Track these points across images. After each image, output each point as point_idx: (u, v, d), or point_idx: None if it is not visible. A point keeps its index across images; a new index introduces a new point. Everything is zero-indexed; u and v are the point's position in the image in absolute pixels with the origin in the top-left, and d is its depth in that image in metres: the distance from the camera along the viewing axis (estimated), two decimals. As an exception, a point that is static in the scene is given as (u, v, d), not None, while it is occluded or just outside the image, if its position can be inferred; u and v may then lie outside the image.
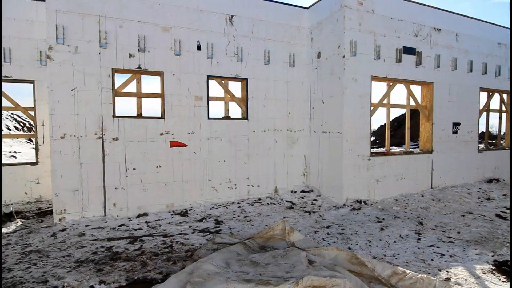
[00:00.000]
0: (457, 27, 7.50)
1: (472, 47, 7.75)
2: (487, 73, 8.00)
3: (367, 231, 4.93)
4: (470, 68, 7.66)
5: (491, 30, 8.16)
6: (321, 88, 6.79)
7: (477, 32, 7.86)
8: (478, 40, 7.85)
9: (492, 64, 8.14)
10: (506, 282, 3.36)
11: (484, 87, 8.06)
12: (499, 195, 7.04)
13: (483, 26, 7.99)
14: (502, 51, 8.36)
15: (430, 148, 7.22)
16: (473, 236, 4.70)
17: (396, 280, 3.22)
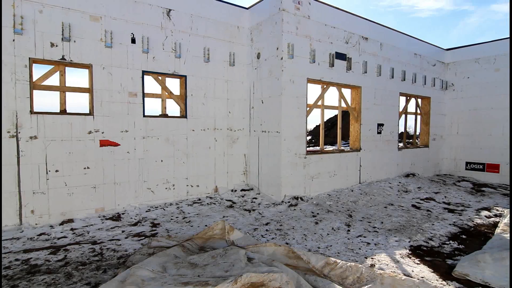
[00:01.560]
0: (382, 37, 8.29)
1: (394, 56, 8.65)
2: (405, 80, 9.00)
3: (303, 225, 5.17)
4: (391, 74, 8.53)
5: (409, 42, 9.20)
6: (261, 88, 6.93)
7: (398, 42, 8.79)
8: (398, 50, 8.79)
9: (410, 72, 9.18)
10: (419, 264, 3.80)
11: (403, 92, 9.06)
12: (415, 188, 7.97)
13: (402, 38, 8.97)
14: (417, 60, 9.48)
15: (359, 147, 7.87)
16: (393, 225, 5.23)
17: (328, 270, 3.43)
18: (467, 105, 10.13)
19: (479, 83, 9.83)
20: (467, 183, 9.04)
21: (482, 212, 6.11)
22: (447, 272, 3.56)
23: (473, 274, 3.41)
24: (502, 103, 9.32)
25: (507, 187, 8.76)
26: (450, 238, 4.69)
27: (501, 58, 9.36)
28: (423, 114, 10.13)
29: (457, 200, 7.15)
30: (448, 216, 5.83)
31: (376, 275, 3.26)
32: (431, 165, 10.25)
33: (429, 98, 9.97)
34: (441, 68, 10.44)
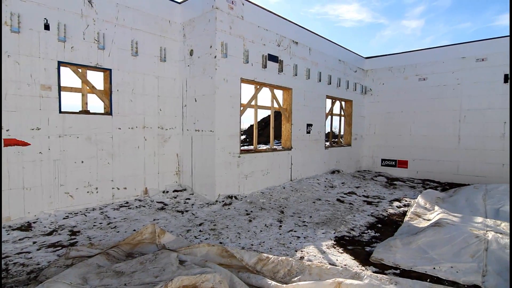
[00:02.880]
0: (311, 42, 8.80)
1: (321, 61, 9.25)
2: (331, 84, 9.71)
3: (237, 224, 5.19)
4: (319, 78, 9.12)
5: (335, 49, 9.94)
6: (194, 86, 6.77)
7: (325, 49, 9.43)
8: (325, 55, 9.43)
9: (335, 76, 9.93)
10: (343, 253, 4.12)
11: (329, 95, 9.75)
12: (339, 183, 8.65)
13: (329, 45, 9.65)
14: (342, 66, 10.30)
15: (290, 146, 8.23)
16: (321, 219, 5.59)
17: (261, 266, 3.49)
18: (382, 108, 11.36)
19: (392, 89, 11.11)
20: (382, 177, 10.14)
21: (394, 203, 6.91)
22: (366, 259, 3.92)
23: (387, 258, 3.81)
24: (410, 107, 10.68)
25: (414, 180, 10.07)
26: (368, 228, 5.19)
27: (409, 68, 10.72)
28: (346, 116, 11.06)
29: (374, 193, 7.96)
30: (367, 208, 6.44)
31: (305, 266, 3.43)
32: (353, 162, 11.25)
33: (351, 101, 10.93)
34: (361, 74, 11.53)
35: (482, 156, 9.42)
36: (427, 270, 3.55)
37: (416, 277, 3.44)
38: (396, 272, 3.57)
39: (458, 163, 9.82)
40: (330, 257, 3.99)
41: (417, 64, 10.56)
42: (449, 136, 9.99)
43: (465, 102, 9.68)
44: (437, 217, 5.25)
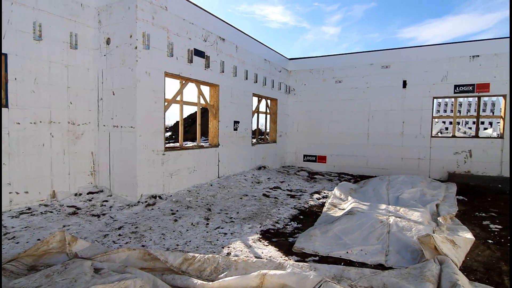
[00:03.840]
0: (237, 40, 8.86)
1: (248, 59, 9.41)
2: (258, 82, 9.96)
3: (162, 225, 4.96)
4: (246, 76, 9.26)
5: (261, 48, 10.21)
6: (112, 78, 6.21)
7: (252, 47, 9.61)
8: (252, 54, 9.62)
9: (261, 75, 10.20)
10: (268, 245, 4.26)
11: (256, 93, 9.99)
12: (265, 178, 8.94)
13: (256, 44, 9.86)
14: (267, 66, 10.63)
15: (217, 143, 8.19)
16: (248, 214, 5.69)
17: (187, 266, 3.39)
18: (304, 107, 12.11)
19: (312, 90, 11.92)
20: (304, 172, 10.83)
21: (314, 195, 7.42)
22: (289, 249, 4.13)
23: (307, 247, 4.07)
24: (328, 106, 11.61)
25: (331, 173, 10.99)
26: (291, 220, 5.47)
27: (327, 71, 11.63)
28: (271, 114, 11.48)
29: (297, 187, 8.45)
30: (290, 201, 6.79)
31: (231, 262, 3.44)
32: (278, 158, 11.76)
33: (277, 99, 11.39)
34: (286, 74, 12.10)
35: (386, 151, 10.77)
36: (341, 254, 3.90)
37: (332, 261, 3.74)
38: (315, 259, 3.83)
39: (368, 158, 11.05)
40: (256, 250, 4.08)
41: (334, 68, 11.52)
42: (360, 134, 11.17)
43: (373, 104, 10.93)
44: (350, 206, 5.81)
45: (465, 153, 9.77)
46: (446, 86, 9.90)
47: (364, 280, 3.07)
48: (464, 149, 9.78)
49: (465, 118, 29.59)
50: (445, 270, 2.99)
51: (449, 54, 9.87)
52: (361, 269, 3.43)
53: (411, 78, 10.34)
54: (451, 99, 9.43)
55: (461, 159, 9.81)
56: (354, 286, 3.03)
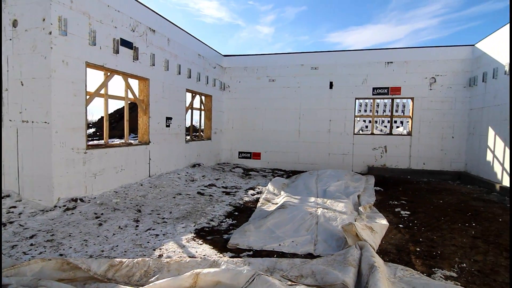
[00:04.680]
0: (169, 33, 8.49)
1: (181, 53, 9.08)
2: (191, 78, 9.69)
3: (84, 230, 4.51)
4: (179, 71, 8.94)
5: (195, 43, 9.95)
6: (20, 66, 5.41)
7: (185, 42, 9.30)
8: (185, 48, 9.32)
9: (195, 71, 9.95)
10: (202, 244, 4.18)
11: (189, 88, 9.71)
12: (200, 176, 8.78)
13: (189, 38, 9.57)
14: (201, 61, 10.42)
15: (148, 140, 7.75)
16: (181, 213, 5.51)
17: (113, 272, 3.14)
18: (239, 104, 12.20)
19: (247, 87, 12.07)
20: (240, 169, 10.93)
21: (249, 191, 7.54)
22: (224, 246, 4.11)
23: (242, 242, 4.10)
24: (262, 104, 11.88)
25: (265, 169, 11.29)
26: (226, 217, 5.47)
27: (261, 69, 11.88)
28: (206, 110, 11.31)
29: (232, 183, 8.48)
30: (225, 198, 6.78)
31: (163, 264, 3.29)
32: (213, 155, 11.65)
33: (211, 96, 11.25)
34: (220, 71, 12.02)
35: (315, 147, 11.46)
36: (274, 247, 4.02)
37: (266, 255, 3.84)
38: (249, 253, 3.89)
39: (299, 154, 11.63)
40: (190, 250, 3.97)
41: (267, 67, 11.83)
42: (292, 131, 11.69)
43: (303, 103, 11.52)
44: (282, 200, 6.04)
45: (381, 148, 10.93)
46: (366, 88, 10.93)
47: (295, 270, 3.21)
48: (380, 145, 10.94)
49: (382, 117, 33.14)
50: (364, 254, 3.29)
51: (368, 59, 10.91)
52: (292, 259, 3.58)
53: (337, 80, 11.17)
54: (370, 100, 10.58)
55: (378, 154, 10.95)
56: (286, 276, 3.15)
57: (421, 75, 10.46)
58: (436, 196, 7.40)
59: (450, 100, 10.28)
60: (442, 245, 4.30)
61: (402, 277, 3.20)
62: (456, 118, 10.26)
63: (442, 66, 10.29)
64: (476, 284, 3.26)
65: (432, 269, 3.58)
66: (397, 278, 3.18)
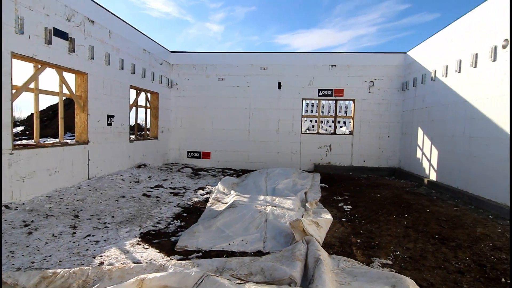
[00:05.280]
0: (111, 25, 7.95)
1: (123, 47, 8.56)
2: (136, 73, 9.19)
3: (10, 240, 4.01)
4: (121, 66, 8.42)
5: (139, 37, 9.45)
6: None
7: (128, 35, 8.78)
8: (128, 42, 8.80)
9: (140, 66, 9.46)
10: (148, 248, 3.98)
11: (133, 85, 9.21)
12: (146, 177, 8.38)
13: (133, 32, 9.06)
14: (147, 57, 9.94)
15: (86, 139, 7.17)
16: (125, 217, 5.20)
17: (45, 285, 2.84)
18: (188, 103, 11.90)
19: (196, 86, 11.82)
20: (189, 168, 10.67)
21: (198, 192, 7.38)
22: (172, 249, 3.97)
23: (190, 244, 4.00)
24: (212, 103, 11.73)
25: (215, 169, 11.18)
26: (174, 218, 5.29)
27: (210, 67, 11.72)
28: (152, 108, 10.83)
29: (181, 184, 8.24)
30: (173, 199, 6.56)
31: (104, 272, 3.07)
32: (160, 155, 11.21)
33: (158, 93, 10.80)
34: (168, 67, 11.59)
35: (264, 146, 11.65)
36: (224, 247, 3.99)
37: (215, 255, 3.79)
38: (198, 255, 3.80)
39: (249, 153, 11.72)
40: (134, 255, 3.76)
41: (217, 65, 11.71)
42: (242, 130, 11.73)
43: (253, 102, 11.64)
44: (232, 199, 6.02)
45: (326, 147, 11.50)
46: (312, 89, 11.41)
47: (244, 268, 3.21)
48: (326, 144, 11.50)
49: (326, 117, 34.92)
50: (310, 248, 3.42)
51: (314, 62, 11.39)
52: (242, 258, 3.58)
53: (285, 81, 11.48)
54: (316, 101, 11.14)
55: (323, 152, 11.50)
56: (235, 275, 3.14)
57: (362, 79, 11.22)
58: (375, 190, 7.99)
59: (386, 103, 11.19)
60: (379, 236, 4.65)
61: (344, 268, 3.39)
62: (391, 119, 11.20)
63: (379, 71, 11.15)
64: (408, 269, 3.58)
65: (371, 258, 3.85)
66: (340, 269, 3.36)
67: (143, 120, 10.94)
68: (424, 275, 3.45)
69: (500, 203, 5.99)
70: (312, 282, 2.78)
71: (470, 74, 7.11)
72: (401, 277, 3.03)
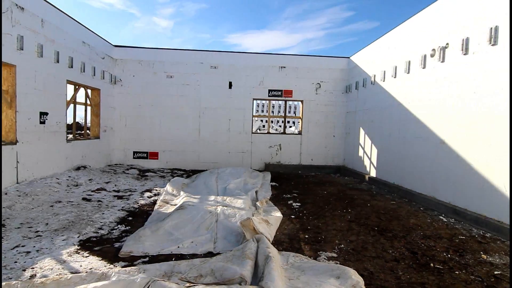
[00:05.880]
0: (44, 13, 7.21)
1: (59, 39, 7.83)
2: (73, 67, 8.46)
3: None
4: (57, 58, 7.68)
5: (78, 28, 8.71)
6: None
7: (64, 25, 8.05)
8: (65, 33, 8.07)
9: (78, 60, 8.72)
10: (89, 256, 3.69)
11: (71, 80, 8.46)
12: (86, 180, 7.76)
13: (70, 22, 8.32)
14: (86, 50, 9.21)
15: (14, 139, 6.42)
16: (61, 224, 4.75)
17: (-40, 307, 2.47)
18: (134, 100, 11.28)
19: (143, 83, 11.26)
20: (135, 170, 10.13)
21: (145, 194, 7.04)
22: (116, 256, 3.72)
23: (136, 249, 3.79)
24: (160, 101, 11.28)
25: (164, 170, 10.77)
26: (118, 223, 4.97)
27: (158, 64, 11.26)
28: (93, 106, 10.07)
29: (126, 186, 7.79)
30: (117, 203, 6.17)
31: (36, 285, 2.77)
32: (103, 156, 10.48)
33: (99, 90, 10.07)
34: (110, 62, 10.88)
35: (215, 146, 11.53)
36: (172, 250, 3.85)
37: (163, 259, 3.64)
38: (145, 260, 3.62)
39: (199, 153, 11.51)
40: (72, 265, 3.46)
41: (165, 62, 11.29)
42: (192, 130, 11.47)
43: (203, 101, 11.45)
44: (181, 201, 5.85)
45: (276, 146, 11.75)
46: (263, 89, 11.58)
47: (194, 271, 3.13)
48: (276, 144, 11.75)
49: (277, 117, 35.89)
50: (260, 246, 3.45)
51: (265, 62, 11.57)
52: (191, 260, 3.49)
53: (236, 80, 11.48)
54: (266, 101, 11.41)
55: (273, 151, 11.74)
56: (184, 278, 3.04)
57: (309, 81, 11.68)
58: (321, 188, 8.37)
59: (332, 104, 11.79)
60: (325, 230, 4.88)
61: (293, 263, 3.48)
62: (337, 119, 11.83)
63: (326, 74, 11.71)
64: (351, 260, 3.80)
65: (318, 252, 4.02)
66: (289, 265, 3.45)
67: (82, 119, 10.13)
68: (365, 265, 3.70)
69: (429, 196, 6.66)
70: (262, 279, 2.81)
71: (404, 79, 7.81)
72: (345, 268, 3.21)
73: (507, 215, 4.79)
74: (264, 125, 37.18)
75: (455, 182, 5.99)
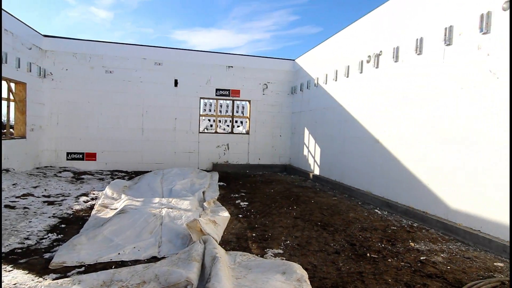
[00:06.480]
0: (-48, -8, 6.21)
1: (-26, 23, 6.82)
2: (-7, 58, 7.44)
3: None
4: (-29, 46, 6.70)
5: (-4, 13, 7.67)
6: None
7: (-20, 8, 7.03)
8: (-19, 18, 7.06)
9: None
10: (12, 270, 3.28)
11: (-10, 72, 7.44)
12: (9, 185, 6.89)
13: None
14: (9, 39, 8.15)
15: None
16: (-24, 236, 4.14)
17: None
18: (66, 96, 10.31)
19: (78, 77, 10.34)
20: (68, 172, 9.27)
21: (81, 198, 6.48)
22: (46, 267, 3.36)
23: (70, 259, 3.46)
24: (98, 98, 10.47)
25: (103, 172, 10.03)
26: (49, 231, 4.49)
27: (95, 58, 10.44)
28: (18, 101, 8.97)
29: (58, 191, 7.08)
30: (48, 209, 5.58)
31: None
32: (30, 158, 9.40)
33: (25, 84, 9.01)
34: (39, 54, 9.80)
35: (160, 146, 11.07)
36: (112, 257, 3.60)
37: (102, 268, 3.38)
38: (80, 270, 3.33)
39: (142, 153, 10.94)
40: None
41: (104, 56, 10.52)
42: (134, 129, 10.86)
43: (147, 99, 10.91)
44: (122, 204, 5.50)
45: (224, 146, 11.69)
46: (210, 89, 11.43)
47: (136, 277, 2.96)
48: (224, 143, 11.69)
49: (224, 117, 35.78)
50: (208, 248, 3.39)
51: (212, 61, 11.43)
52: (134, 267, 3.30)
53: (182, 78, 11.15)
54: (214, 100, 11.31)
55: (221, 151, 11.66)
56: (125, 286, 2.86)
57: (257, 81, 11.83)
58: (269, 186, 8.54)
59: (278, 104, 12.10)
60: (272, 228, 4.98)
61: (241, 262, 3.49)
62: (283, 120, 12.17)
63: (272, 75, 11.97)
64: (296, 256, 3.93)
65: (265, 250, 4.08)
66: (237, 264, 3.44)
67: (4, 116, 8.96)
68: (309, 259, 3.85)
69: (366, 191, 7.20)
70: (209, 280, 2.76)
71: (344, 82, 8.32)
72: (290, 263, 3.31)
73: (431, 207, 5.39)
74: (211, 125, 36.77)
75: (388, 178, 6.55)
